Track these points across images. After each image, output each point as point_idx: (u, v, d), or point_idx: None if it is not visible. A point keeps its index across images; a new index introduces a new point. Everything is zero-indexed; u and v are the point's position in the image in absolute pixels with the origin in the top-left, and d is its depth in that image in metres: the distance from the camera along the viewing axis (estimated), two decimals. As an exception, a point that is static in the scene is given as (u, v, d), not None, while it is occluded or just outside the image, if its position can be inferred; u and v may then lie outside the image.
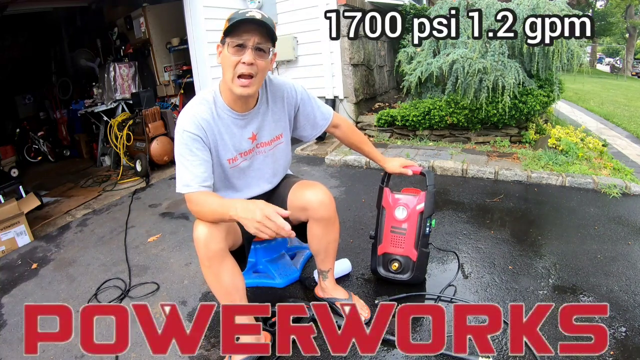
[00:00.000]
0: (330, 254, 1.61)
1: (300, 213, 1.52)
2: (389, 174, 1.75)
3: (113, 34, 5.35)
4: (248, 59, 1.23)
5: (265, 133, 1.49)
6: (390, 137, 4.47)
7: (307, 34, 4.65)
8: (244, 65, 1.24)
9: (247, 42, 1.23)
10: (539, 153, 3.43)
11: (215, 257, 1.27)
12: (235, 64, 1.24)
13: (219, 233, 1.27)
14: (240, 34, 1.22)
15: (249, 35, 1.23)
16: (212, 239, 1.25)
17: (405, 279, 1.74)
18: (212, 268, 1.28)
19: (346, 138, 1.71)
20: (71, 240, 2.71)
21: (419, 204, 1.70)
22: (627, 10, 22.06)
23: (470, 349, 1.43)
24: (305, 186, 1.54)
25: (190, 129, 1.30)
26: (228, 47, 1.24)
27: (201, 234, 1.25)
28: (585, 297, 1.70)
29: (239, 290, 1.35)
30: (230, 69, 1.25)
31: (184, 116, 1.33)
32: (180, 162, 1.31)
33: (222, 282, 1.30)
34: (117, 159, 4.47)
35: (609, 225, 2.34)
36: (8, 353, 1.65)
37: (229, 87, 1.30)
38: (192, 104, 1.36)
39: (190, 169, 1.28)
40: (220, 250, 1.27)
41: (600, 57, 34.27)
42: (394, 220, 1.74)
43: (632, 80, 18.07)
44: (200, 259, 1.28)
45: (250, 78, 1.26)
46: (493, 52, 3.70)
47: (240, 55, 1.24)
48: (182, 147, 1.30)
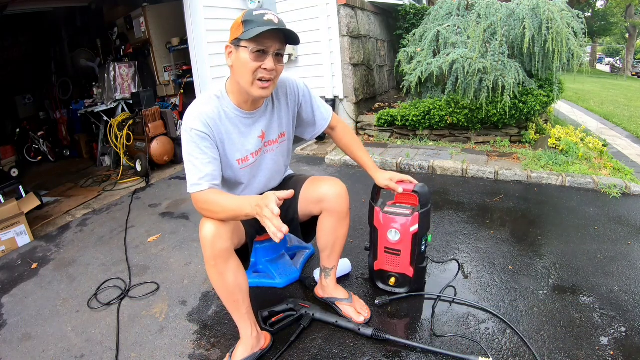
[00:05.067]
0: (337, 251, 1.61)
1: (314, 206, 1.53)
2: (379, 188, 1.67)
3: (113, 34, 5.35)
4: (270, 65, 1.24)
5: (273, 131, 1.49)
6: (390, 137, 4.48)
7: (307, 34, 4.65)
8: (265, 72, 1.24)
9: (269, 48, 1.23)
10: (539, 153, 3.43)
11: (221, 256, 1.26)
12: (255, 69, 1.24)
13: (226, 232, 1.26)
14: (261, 41, 1.21)
15: (270, 42, 1.22)
16: (219, 238, 1.24)
17: (404, 293, 1.73)
18: (217, 267, 1.27)
19: (341, 141, 1.69)
20: (71, 240, 2.71)
21: (413, 225, 1.60)
22: (627, 10, 22.06)
23: (470, 349, 1.44)
24: (321, 179, 1.56)
25: (198, 127, 1.29)
26: (248, 52, 1.22)
27: (208, 233, 1.24)
28: (585, 297, 1.70)
29: (242, 290, 1.35)
30: (249, 73, 1.25)
31: (190, 115, 1.32)
32: (189, 160, 1.29)
33: (226, 281, 1.30)
34: (117, 159, 4.47)
35: (609, 225, 2.34)
36: (8, 353, 1.64)
37: (245, 89, 1.29)
38: (199, 103, 1.35)
39: (199, 168, 1.27)
40: (226, 249, 1.27)
41: (600, 57, 34.30)
42: (387, 242, 1.67)
43: (632, 80, 18.06)
44: (205, 258, 1.27)
45: (269, 82, 1.27)
46: (493, 52, 3.70)
47: (261, 61, 1.23)
48: (191, 146, 1.28)
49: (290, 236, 2.14)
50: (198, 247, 2.38)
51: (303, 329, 1.55)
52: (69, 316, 1.85)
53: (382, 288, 1.78)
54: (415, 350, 1.44)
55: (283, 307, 1.64)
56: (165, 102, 4.92)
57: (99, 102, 4.86)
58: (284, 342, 1.49)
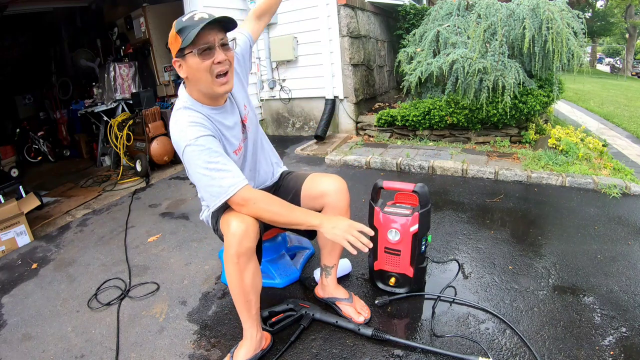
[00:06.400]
0: (337, 249, 1.61)
1: (314, 202, 1.54)
2: (379, 188, 1.68)
3: (113, 34, 5.35)
4: (221, 57, 1.24)
5: (241, 98, 1.49)
6: (390, 137, 4.48)
7: (307, 34, 4.65)
8: (219, 65, 1.25)
9: (212, 42, 1.23)
10: (539, 153, 3.43)
11: (245, 255, 1.26)
12: (209, 67, 1.24)
13: (254, 231, 1.25)
14: (202, 39, 1.21)
15: (211, 37, 1.23)
16: (246, 237, 1.24)
17: (404, 293, 1.73)
18: (239, 265, 1.26)
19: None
20: (71, 240, 2.71)
21: (413, 225, 1.60)
22: (627, 10, 22.07)
23: (470, 349, 1.44)
24: (322, 176, 1.58)
25: (200, 133, 1.25)
26: (195, 56, 1.22)
27: (238, 230, 1.22)
28: (585, 297, 1.70)
29: (256, 291, 1.36)
30: (206, 74, 1.25)
31: (182, 131, 1.26)
32: (208, 170, 1.22)
33: (244, 280, 1.30)
34: (117, 159, 4.47)
35: (609, 225, 2.34)
36: (8, 353, 1.65)
37: (207, 92, 1.30)
38: (181, 119, 1.29)
39: (227, 168, 1.24)
40: (251, 248, 1.27)
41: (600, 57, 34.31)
42: (387, 242, 1.67)
43: (632, 80, 18.06)
44: (228, 255, 1.26)
45: (226, 74, 1.28)
46: (493, 52, 3.70)
47: (210, 58, 1.23)
48: (204, 155, 1.22)
49: (290, 236, 2.14)
50: (198, 247, 2.38)
51: (303, 329, 1.55)
52: (69, 316, 1.85)
53: (382, 288, 1.78)
54: (415, 350, 1.44)
55: (283, 307, 1.64)
56: (165, 102, 4.92)
57: (99, 102, 4.87)
58: (284, 342, 1.49)
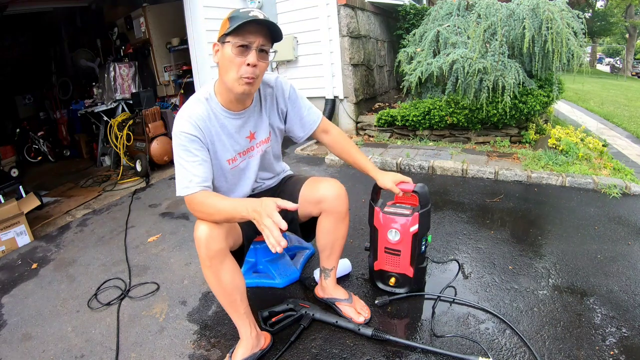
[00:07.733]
0: (336, 251, 1.61)
1: (313, 207, 1.53)
2: (379, 188, 1.65)
3: (113, 34, 5.35)
4: (253, 60, 1.23)
5: (262, 131, 1.49)
6: (390, 137, 4.48)
7: (307, 34, 4.65)
8: (248, 68, 1.24)
9: (252, 43, 1.22)
10: (539, 153, 3.43)
11: (215, 257, 1.27)
12: (239, 64, 1.23)
13: (219, 233, 1.27)
14: (244, 35, 1.21)
15: (253, 37, 1.22)
16: (213, 239, 1.25)
17: (404, 293, 1.73)
18: (212, 268, 1.28)
19: (336, 145, 1.63)
20: (71, 240, 2.71)
21: (413, 225, 1.59)
22: (627, 10, 22.07)
23: (470, 349, 1.44)
24: (320, 180, 1.55)
25: (187, 130, 1.30)
26: (231, 47, 1.22)
27: (202, 234, 1.25)
28: (585, 297, 1.70)
29: (239, 289, 1.35)
30: (233, 69, 1.25)
31: (180, 118, 1.33)
32: (179, 163, 1.30)
33: (223, 281, 1.31)
34: (117, 159, 4.47)
35: (609, 225, 2.34)
36: (8, 353, 1.65)
37: (229, 87, 1.29)
38: (188, 105, 1.36)
39: (189, 170, 1.28)
40: (221, 250, 1.28)
41: (600, 57, 34.29)
42: (387, 242, 1.66)
43: (632, 80, 18.06)
44: (200, 259, 1.29)
45: (253, 79, 1.27)
46: (493, 52, 3.70)
47: (244, 56, 1.23)
48: (180, 149, 1.30)
49: (290, 236, 2.14)
50: (198, 247, 2.38)
51: (303, 329, 1.55)
52: (69, 316, 1.85)
53: (382, 288, 1.78)
54: (415, 351, 1.44)
55: (283, 307, 1.64)
56: (165, 102, 4.92)
57: (99, 102, 4.87)
58: (284, 342, 1.49)
